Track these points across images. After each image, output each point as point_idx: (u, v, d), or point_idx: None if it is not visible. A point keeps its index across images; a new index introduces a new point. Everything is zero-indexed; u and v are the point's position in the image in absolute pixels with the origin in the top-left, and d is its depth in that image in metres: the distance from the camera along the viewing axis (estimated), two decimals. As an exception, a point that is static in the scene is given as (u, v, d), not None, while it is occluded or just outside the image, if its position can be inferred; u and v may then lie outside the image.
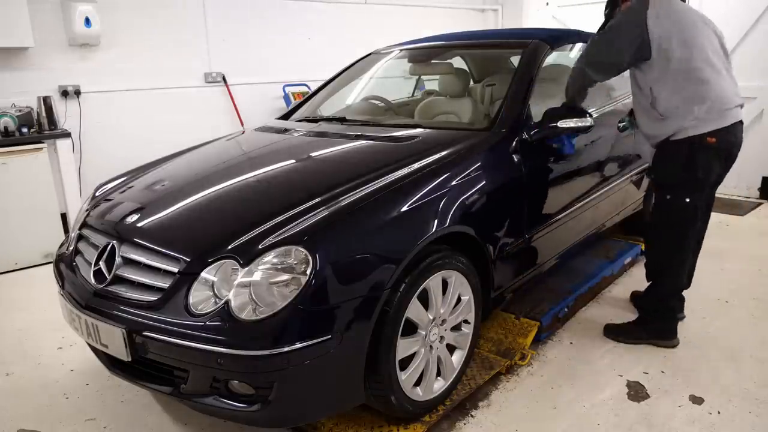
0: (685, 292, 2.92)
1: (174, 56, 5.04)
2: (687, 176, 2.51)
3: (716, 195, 2.82)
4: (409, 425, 2.13)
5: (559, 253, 2.94)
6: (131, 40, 4.77)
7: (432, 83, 3.85)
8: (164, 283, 1.83)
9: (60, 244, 2.51)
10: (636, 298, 3.13)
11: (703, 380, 2.46)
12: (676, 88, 2.45)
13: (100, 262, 2.02)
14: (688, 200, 2.53)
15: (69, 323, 2.10)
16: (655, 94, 2.50)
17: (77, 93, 4.52)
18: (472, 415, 2.26)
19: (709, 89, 2.43)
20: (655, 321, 2.78)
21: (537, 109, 2.67)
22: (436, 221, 2.04)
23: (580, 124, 2.56)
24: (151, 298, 1.84)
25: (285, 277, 1.73)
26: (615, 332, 2.86)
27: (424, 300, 2.05)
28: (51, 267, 2.39)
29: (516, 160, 2.48)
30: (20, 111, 4.11)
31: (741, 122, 2.54)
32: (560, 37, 3.26)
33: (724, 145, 2.48)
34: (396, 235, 1.94)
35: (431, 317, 2.09)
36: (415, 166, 2.20)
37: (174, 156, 2.89)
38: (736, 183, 5.40)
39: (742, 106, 2.56)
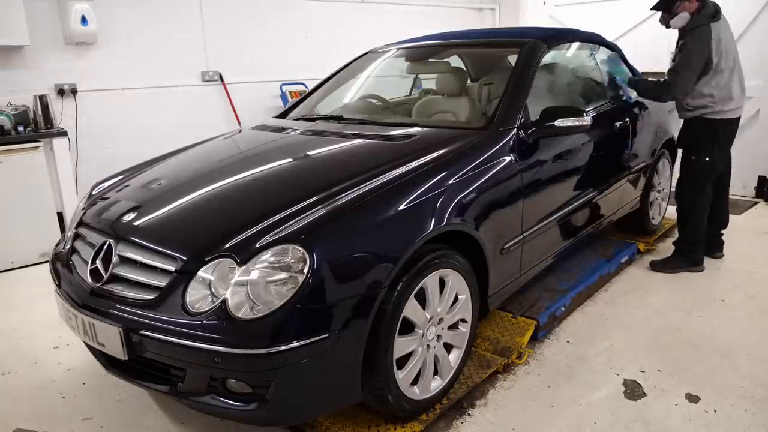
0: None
1: (171, 55, 5.03)
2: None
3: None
4: (406, 424, 2.13)
5: (556, 251, 2.95)
6: (128, 39, 4.76)
7: (429, 82, 3.85)
8: (161, 282, 1.83)
9: (56, 242, 2.50)
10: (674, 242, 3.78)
11: (699, 378, 2.47)
12: None
13: (97, 261, 2.01)
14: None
15: (66, 322, 2.09)
16: None
17: (73, 92, 4.51)
18: (469, 414, 2.26)
19: None
20: (689, 253, 3.57)
21: (534, 108, 2.67)
22: (433, 220, 2.05)
23: (577, 123, 2.56)
24: (147, 296, 1.83)
25: (282, 275, 1.73)
26: (658, 265, 3.63)
27: (422, 299, 2.05)
28: (47, 266, 2.39)
29: (513, 158, 2.48)
30: (16, 110, 4.10)
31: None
32: (557, 37, 3.26)
33: None
34: (393, 233, 1.94)
35: (428, 316, 2.09)
36: (413, 164, 2.20)
37: (171, 155, 2.89)
38: (732, 182, 5.38)
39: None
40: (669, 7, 3.30)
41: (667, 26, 3.38)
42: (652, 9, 3.42)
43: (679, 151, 3.78)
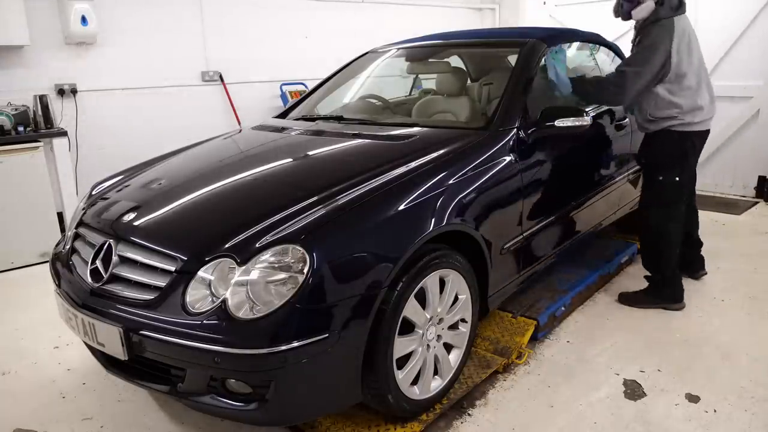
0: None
1: (171, 55, 5.03)
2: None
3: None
4: (406, 424, 2.13)
5: (556, 251, 2.95)
6: (128, 39, 4.76)
7: (429, 82, 3.85)
8: (161, 282, 1.83)
9: (56, 242, 2.50)
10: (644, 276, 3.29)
11: (699, 378, 2.47)
12: None
13: (97, 261, 2.01)
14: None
15: (66, 322, 2.09)
16: None
17: (73, 92, 4.51)
18: (469, 414, 2.26)
19: None
20: (665, 287, 3.10)
21: (534, 108, 2.67)
22: (433, 220, 2.05)
23: (577, 123, 2.56)
24: (147, 296, 1.83)
25: (282, 275, 1.74)
26: (629, 299, 3.18)
27: (422, 299, 2.05)
28: (47, 266, 2.39)
29: (513, 158, 2.48)
30: (16, 110, 4.10)
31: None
32: (557, 36, 3.25)
33: None
34: (393, 233, 1.94)
35: (428, 316, 2.09)
36: (413, 164, 2.20)
37: (171, 155, 2.89)
38: (732, 182, 5.41)
39: None
40: None
41: (626, 18, 2.92)
42: None
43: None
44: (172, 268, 1.83)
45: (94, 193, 2.57)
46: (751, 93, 5.19)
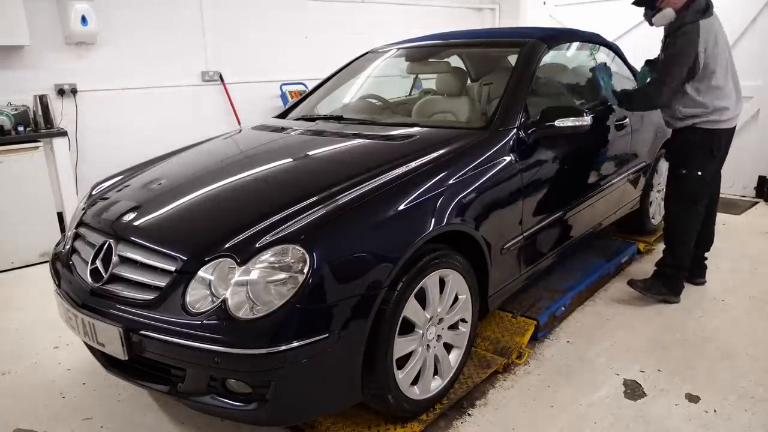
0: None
1: (171, 55, 5.03)
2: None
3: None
4: (406, 424, 2.13)
5: (556, 251, 2.95)
6: (128, 39, 4.76)
7: (429, 82, 3.85)
8: (161, 282, 1.83)
9: (56, 242, 2.50)
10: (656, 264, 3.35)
11: (699, 378, 2.47)
12: None
13: (97, 261, 2.01)
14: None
15: (66, 322, 2.09)
16: None
17: (74, 92, 4.51)
18: (469, 414, 2.26)
19: None
20: (671, 278, 3.18)
21: (534, 108, 2.67)
22: (433, 220, 2.05)
23: (577, 123, 2.56)
24: (147, 296, 1.83)
25: (282, 275, 1.74)
26: (638, 285, 3.24)
27: (422, 299, 2.06)
28: (47, 266, 2.39)
29: (513, 158, 2.48)
30: (16, 110, 4.10)
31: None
32: (557, 37, 3.26)
33: None
34: (393, 233, 1.94)
35: (428, 316, 2.09)
36: (413, 164, 2.20)
37: (171, 155, 2.89)
38: (732, 182, 5.41)
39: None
40: (652, 3, 2.97)
41: (651, 24, 3.07)
42: (633, 4, 3.08)
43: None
44: (172, 268, 1.83)
45: (94, 193, 2.57)
46: (751, 93, 5.19)
